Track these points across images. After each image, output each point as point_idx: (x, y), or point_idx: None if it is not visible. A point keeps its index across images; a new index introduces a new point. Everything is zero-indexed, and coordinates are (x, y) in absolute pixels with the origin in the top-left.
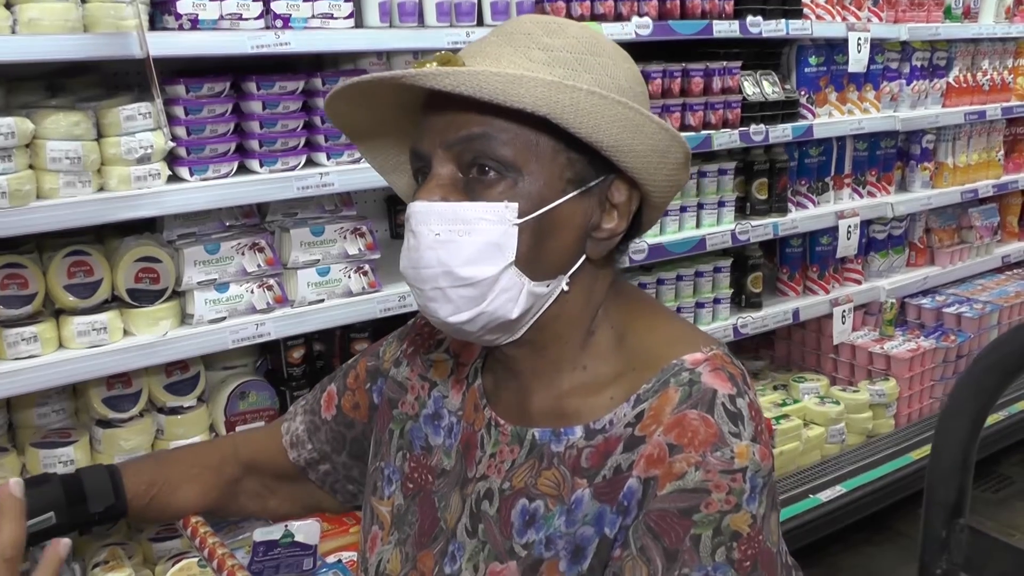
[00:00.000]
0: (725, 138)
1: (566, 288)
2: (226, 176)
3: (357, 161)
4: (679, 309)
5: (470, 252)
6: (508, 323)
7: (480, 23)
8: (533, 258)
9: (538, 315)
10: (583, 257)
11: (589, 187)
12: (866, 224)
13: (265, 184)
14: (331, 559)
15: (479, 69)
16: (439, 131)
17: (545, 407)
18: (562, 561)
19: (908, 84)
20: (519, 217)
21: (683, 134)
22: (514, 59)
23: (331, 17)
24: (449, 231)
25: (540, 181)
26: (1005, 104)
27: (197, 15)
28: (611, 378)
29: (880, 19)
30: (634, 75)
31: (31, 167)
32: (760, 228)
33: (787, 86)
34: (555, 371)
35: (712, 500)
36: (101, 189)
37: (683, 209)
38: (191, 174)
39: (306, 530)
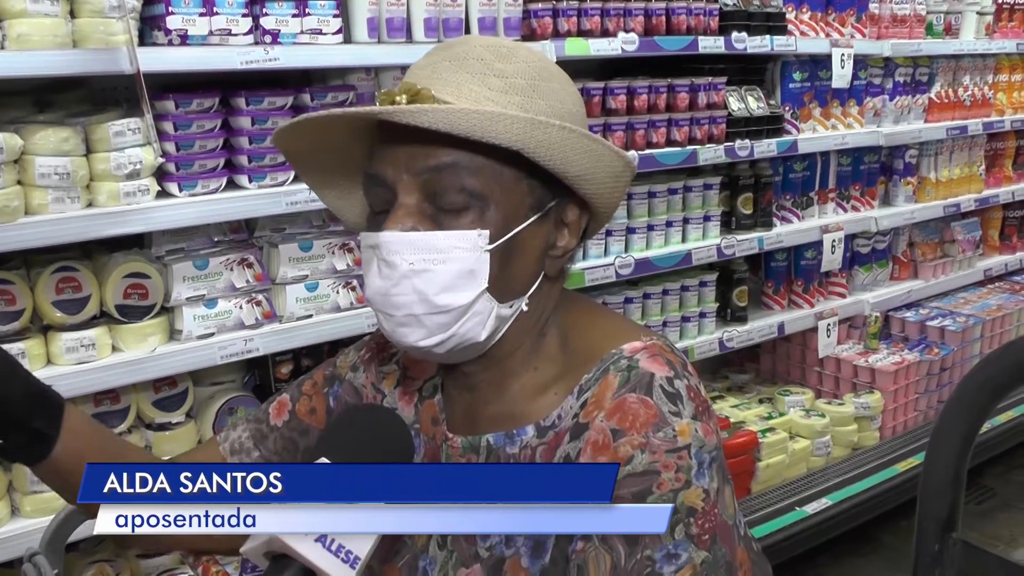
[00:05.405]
0: (711, 153)
1: (525, 308)
2: (215, 192)
3: None
4: (665, 323)
5: (446, 280)
6: (475, 345)
7: None
8: (502, 282)
9: (500, 335)
10: (542, 276)
11: (547, 210)
12: (850, 238)
13: (254, 199)
14: None
15: (456, 107)
16: (404, 160)
17: (497, 413)
18: (524, 558)
19: (891, 99)
20: (490, 243)
21: (669, 149)
22: (473, 87)
23: (320, 33)
24: (423, 260)
25: (506, 208)
26: (986, 119)
27: (187, 31)
28: (557, 376)
29: (863, 35)
30: (577, 99)
31: (19, 183)
32: (745, 242)
33: (772, 101)
34: (509, 377)
35: (663, 480)
36: (90, 205)
37: (669, 224)
38: (180, 189)
39: None
